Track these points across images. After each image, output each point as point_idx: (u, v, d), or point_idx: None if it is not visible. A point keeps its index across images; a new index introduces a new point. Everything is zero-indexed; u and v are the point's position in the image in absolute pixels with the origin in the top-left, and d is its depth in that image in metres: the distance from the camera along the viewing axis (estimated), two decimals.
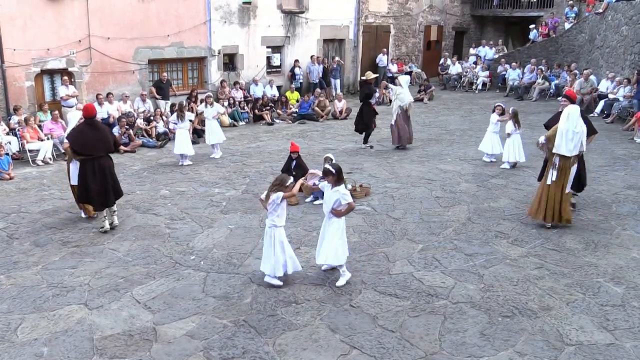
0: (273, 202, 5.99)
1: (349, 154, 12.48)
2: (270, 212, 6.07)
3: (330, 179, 6.15)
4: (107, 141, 7.94)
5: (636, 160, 11.65)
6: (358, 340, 5.20)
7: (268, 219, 6.14)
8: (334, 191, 6.12)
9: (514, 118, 11.11)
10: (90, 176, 7.77)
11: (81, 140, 7.80)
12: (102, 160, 7.89)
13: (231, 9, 17.07)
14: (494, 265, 6.79)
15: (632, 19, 16.14)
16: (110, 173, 7.99)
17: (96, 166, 7.80)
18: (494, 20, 27.17)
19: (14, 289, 6.21)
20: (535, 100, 19.64)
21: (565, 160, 7.60)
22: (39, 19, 13.30)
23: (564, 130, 7.47)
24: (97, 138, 7.82)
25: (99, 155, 7.84)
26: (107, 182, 7.87)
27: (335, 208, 6.13)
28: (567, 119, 7.49)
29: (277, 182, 6.05)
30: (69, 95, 13.62)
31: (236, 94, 16.85)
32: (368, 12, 21.89)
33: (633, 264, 6.80)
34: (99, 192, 7.81)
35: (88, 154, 7.77)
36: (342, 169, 6.29)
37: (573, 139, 7.45)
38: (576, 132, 7.45)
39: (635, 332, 5.31)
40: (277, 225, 6.10)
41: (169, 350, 5.07)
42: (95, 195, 7.81)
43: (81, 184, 7.90)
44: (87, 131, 7.84)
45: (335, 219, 6.17)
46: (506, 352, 5.01)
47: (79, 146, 7.79)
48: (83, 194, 7.93)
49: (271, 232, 6.11)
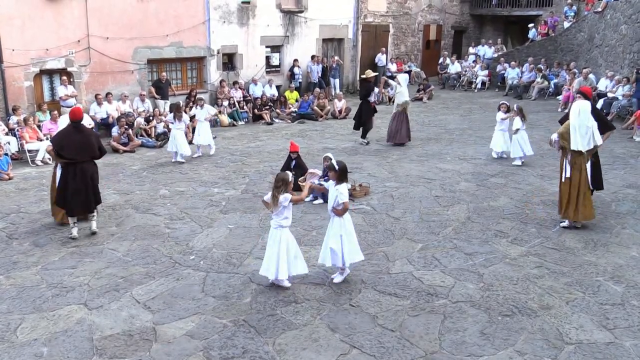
0: (281, 205, 5.91)
1: (348, 153, 12.48)
2: (277, 214, 6.00)
3: (333, 175, 6.12)
4: (90, 146, 7.72)
5: (635, 159, 11.66)
6: (358, 340, 5.19)
7: (273, 221, 6.07)
8: (335, 189, 6.10)
9: (520, 114, 11.17)
10: (71, 180, 7.59)
11: (64, 143, 7.64)
12: (85, 165, 7.69)
13: (230, 8, 17.06)
14: (493, 264, 6.79)
15: (631, 17, 16.14)
16: (92, 179, 7.78)
17: (78, 171, 7.61)
18: (493, 20, 27.18)
19: (13, 289, 6.21)
20: (534, 99, 19.65)
21: (579, 156, 7.60)
22: (38, 19, 13.29)
23: (576, 126, 7.49)
24: (81, 142, 7.63)
25: (83, 160, 7.66)
26: (87, 187, 7.67)
27: (335, 207, 6.10)
28: (579, 115, 7.52)
29: (280, 183, 5.92)
30: (68, 95, 13.62)
31: (235, 94, 16.85)
32: (367, 12, 21.89)
33: (633, 262, 6.80)
34: (78, 196, 7.61)
35: (70, 157, 7.60)
36: (347, 169, 6.23)
37: (587, 134, 7.48)
38: (587, 126, 7.48)
39: (635, 331, 5.31)
40: (284, 226, 6.04)
41: (169, 350, 5.06)
42: (73, 200, 7.61)
43: (61, 187, 7.72)
44: (72, 135, 7.67)
45: (337, 218, 6.12)
46: (506, 351, 5.01)
47: (61, 149, 7.63)
48: (61, 198, 7.71)
49: (277, 233, 6.03)
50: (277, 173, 6.29)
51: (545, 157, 11.78)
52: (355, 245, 6.22)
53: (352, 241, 6.19)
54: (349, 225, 6.18)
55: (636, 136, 13.44)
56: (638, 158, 11.74)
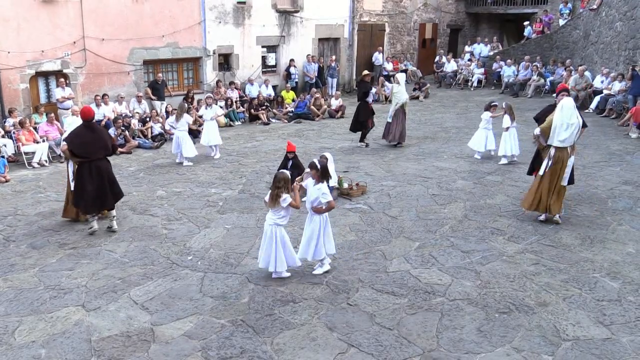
0: (279, 206, 6.05)
1: (345, 152, 12.49)
2: (275, 212, 6.13)
3: (314, 174, 6.25)
4: (104, 144, 7.92)
5: (631, 156, 11.69)
6: (356, 339, 5.21)
7: (269, 217, 6.19)
8: (316, 188, 6.19)
9: (509, 111, 11.16)
10: (88, 179, 7.73)
11: (79, 142, 7.79)
12: (100, 163, 7.85)
13: (226, 8, 17.05)
14: (490, 261, 6.81)
15: (626, 14, 16.17)
16: (108, 176, 7.95)
17: (93, 169, 7.77)
18: (488, 18, 27.21)
19: (11, 292, 6.20)
20: (530, 97, 19.67)
21: (561, 151, 7.64)
22: (33, 21, 13.26)
23: (557, 122, 7.58)
24: (94, 140, 7.80)
25: (97, 157, 7.82)
26: (104, 185, 7.84)
27: (314, 205, 6.23)
28: (561, 111, 7.61)
29: (282, 183, 6.04)
30: (65, 97, 13.59)
31: (232, 94, 16.84)
32: (363, 11, 21.89)
33: (629, 259, 6.83)
34: (96, 195, 7.77)
35: (85, 156, 7.76)
36: (327, 169, 6.45)
37: (567, 130, 7.55)
38: (570, 123, 7.54)
39: (632, 327, 5.33)
40: (279, 224, 6.18)
41: (167, 350, 5.07)
42: (91, 198, 7.76)
43: (78, 187, 7.86)
44: (85, 133, 7.83)
45: (316, 216, 6.27)
46: (503, 348, 5.03)
47: (77, 148, 7.78)
48: (79, 197, 7.85)
49: (272, 230, 6.16)
50: (275, 173, 6.33)
51: None
52: (331, 239, 6.49)
53: (328, 234, 6.44)
54: (328, 222, 6.42)
55: (632, 133, 13.47)
56: (634, 155, 11.77)
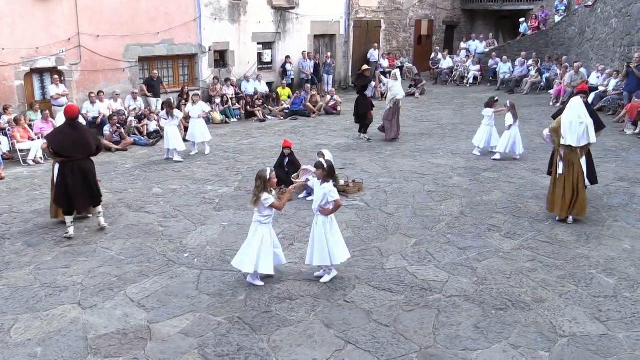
0: (261, 205, 5.94)
1: (341, 149, 12.48)
2: (258, 211, 6.04)
3: (319, 174, 6.10)
4: (87, 144, 7.68)
5: (627, 152, 11.73)
6: (352, 336, 5.21)
7: (255, 215, 6.12)
8: (321, 188, 6.08)
9: (512, 110, 11.15)
10: (70, 178, 7.53)
11: (60, 141, 7.59)
12: (82, 163, 7.63)
13: (221, 5, 17.00)
14: (487, 258, 6.82)
15: (621, 11, 16.21)
16: (92, 176, 7.75)
17: (75, 168, 7.55)
18: (484, 14, 27.23)
19: (6, 290, 6.17)
20: (526, 94, 19.70)
21: (571, 151, 7.63)
22: (28, 17, 13.19)
23: (566, 122, 7.55)
24: (77, 140, 7.58)
25: (78, 157, 7.60)
26: (86, 185, 7.63)
27: (322, 206, 6.06)
28: (569, 109, 7.60)
29: (259, 181, 5.95)
30: (60, 94, 13.53)
31: (227, 91, 16.80)
32: (358, 7, 21.87)
33: (625, 255, 6.86)
34: (78, 194, 7.57)
35: (67, 155, 7.55)
36: (334, 168, 6.23)
37: (577, 130, 7.50)
38: (580, 122, 7.50)
39: (628, 323, 5.35)
40: (262, 223, 6.06)
41: (164, 348, 5.06)
42: (72, 198, 7.56)
43: (59, 186, 7.66)
44: (68, 132, 7.63)
45: (322, 217, 6.07)
46: (500, 345, 5.04)
47: (57, 147, 7.58)
48: (61, 196, 7.66)
49: (255, 227, 6.09)
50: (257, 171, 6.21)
51: (537, 151, 11.83)
52: (341, 244, 6.18)
53: (338, 240, 6.16)
54: (335, 225, 6.17)
55: (627, 129, 13.51)
56: (629, 151, 11.81)
